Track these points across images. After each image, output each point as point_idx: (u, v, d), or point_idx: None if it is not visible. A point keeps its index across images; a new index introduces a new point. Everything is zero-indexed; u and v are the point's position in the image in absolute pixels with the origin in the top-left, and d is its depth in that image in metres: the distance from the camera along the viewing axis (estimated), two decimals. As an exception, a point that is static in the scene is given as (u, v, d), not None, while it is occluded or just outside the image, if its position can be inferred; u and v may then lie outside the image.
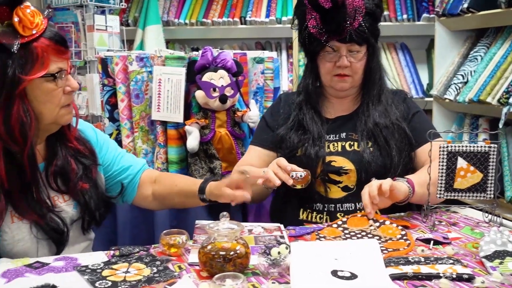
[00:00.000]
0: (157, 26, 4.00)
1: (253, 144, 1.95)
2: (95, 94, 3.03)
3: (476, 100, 3.07)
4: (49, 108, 1.40)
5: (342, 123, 1.85)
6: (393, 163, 1.74)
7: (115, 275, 1.20)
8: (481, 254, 1.26)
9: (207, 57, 2.17)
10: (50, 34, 1.37)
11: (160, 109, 2.26)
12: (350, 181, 1.76)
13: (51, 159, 1.47)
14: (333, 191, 1.77)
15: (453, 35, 3.61)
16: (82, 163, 1.52)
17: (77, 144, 1.54)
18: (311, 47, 1.79)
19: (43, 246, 1.43)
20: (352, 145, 1.79)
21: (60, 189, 1.48)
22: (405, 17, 3.89)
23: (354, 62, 1.77)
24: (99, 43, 3.12)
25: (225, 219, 1.26)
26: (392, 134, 1.78)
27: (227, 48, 3.96)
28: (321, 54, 1.78)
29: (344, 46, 1.75)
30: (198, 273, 1.22)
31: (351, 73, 1.78)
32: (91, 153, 1.57)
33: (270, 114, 1.97)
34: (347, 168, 1.75)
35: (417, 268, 1.18)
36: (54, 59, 1.37)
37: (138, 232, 2.24)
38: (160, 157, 2.30)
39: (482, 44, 3.33)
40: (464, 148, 1.50)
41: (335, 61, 1.77)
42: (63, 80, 1.40)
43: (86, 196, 1.51)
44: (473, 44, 3.48)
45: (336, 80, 1.80)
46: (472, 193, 1.53)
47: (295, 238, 1.47)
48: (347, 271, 1.16)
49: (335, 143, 1.81)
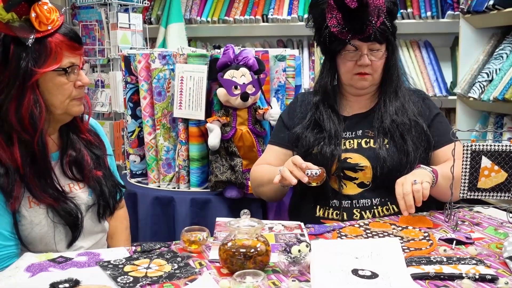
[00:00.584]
0: (180, 24, 4.02)
1: (271, 144, 1.98)
2: (118, 92, 3.07)
3: (501, 98, 3.02)
4: (60, 100, 1.46)
5: (359, 120, 1.85)
6: (409, 159, 1.74)
7: (137, 271, 1.21)
8: (505, 254, 1.24)
9: (229, 55, 2.17)
10: (65, 30, 1.44)
11: (182, 107, 2.27)
12: (365, 177, 1.76)
13: (65, 149, 1.55)
14: (349, 188, 1.77)
15: (478, 32, 3.55)
16: (94, 153, 1.60)
17: (89, 136, 1.62)
18: (332, 46, 1.79)
19: (60, 231, 1.48)
20: (368, 142, 1.79)
21: (75, 177, 1.55)
22: (429, 14, 3.85)
23: (375, 60, 1.77)
24: (122, 41, 3.15)
25: (245, 217, 1.26)
26: (409, 130, 1.77)
27: (249, 46, 3.97)
28: (342, 53, 1.78)
29: (365, 45, 1.75)
30: (219, 270, 1.22)
31: (371, 71, 1.78)
32: (102, 144, 1.66)
33: (287, 114, 1.98)
34: (363, 165, 1.75)
35: (439, 268, 1.17)
36: (67, 54, 1.43)
37: (159, 229, 2.26)
38: (181, 154, 2.32)
39: (508, 41, 3.28)
40: (489, 147, 1.48)
41: (356, 60, 1.77)
42: (75, 74, 1.47)
43: (100, 183, 1.59)
44: (498, 41, 3.43)
45: (356, 78, 1.80)
46: (496, 192, 1.50)
47: (316, 236, 1.47)
48: (368, 270, 1.15)
49: (351, 140, 1.81)
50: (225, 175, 2.16)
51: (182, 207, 2.22)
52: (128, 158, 2.54)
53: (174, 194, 2.30)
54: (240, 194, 2.19)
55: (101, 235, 1.63)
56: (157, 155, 2.40)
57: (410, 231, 1.48)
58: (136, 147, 2.49)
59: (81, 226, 1.51)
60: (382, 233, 1.47)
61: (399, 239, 1.36)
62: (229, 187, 2.20)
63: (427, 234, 1.44)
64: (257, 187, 1.93)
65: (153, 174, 2.42)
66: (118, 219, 1.77)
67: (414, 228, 1.50)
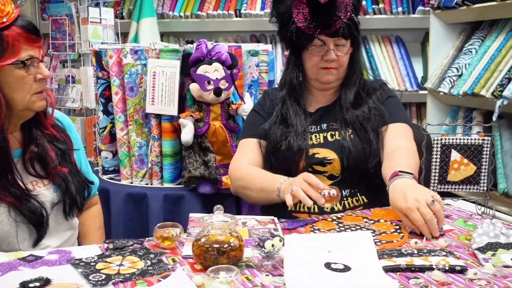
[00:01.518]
0: (152, 18, 3.98)
1: (247, 137, 1.92)
2: (89, 87, 3.03)
3: (470, 93, 3.08)
4: (20, 95, 1.43)
5: (323, 114, 1.87)
6: (372, 148, 1.76)
7: (109, 268, 1.20)
8: (473, 246, 1.27)
9: (201, 50, 2.16)
10: (22, 22, 1.41)
11: (154, 102, 2.26)
12: (334, 170, 1.78)
13: (27, 145, 1.51)
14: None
15: (448, 28, 3.61)
16: (59, 149, 1.56)
17: (54, 131, 1.58)
18: (298, 42, 1.80)
19: (23, 230, 1.46)
20: (334, 135, 1.82)
21: (38, 174, 1.51)
22: (400, 10, 3.89)
23: (341, 55, 1.79)
24: (93, 35, 3.11)
25: (219, 212, 1.26)
26: (368, 119, 1.80)
27: (222, 40, 3.95)
28: (308, 48, 1.79)
29: (332, 40, 1.77)
30: (192, 266, 1.22)
31: (337, 66, 1.81)
32: (67, 139, 1.62)
33: (259, 106, 1.97)
34: (330, 158, 1.77)
35: (410, 260, 1.19)
36: (25, 47, 1.41)
37: (132, 225, 2.24)
38: (154, 150, 2.30)
39: (477, 37, 3.33)
40: (458, 141, 1.51)
41: (322, 55, 1.78)
42: (35, 67, 1.44)
43: (66, 180, 1.55)
44: (467, 37, 3.49)
45: (322, 72, 1.82)
46: (466, 185, 1.53)
47: (289, 231, 1.48)
48: (341, 263, 1.17)
49: (317, 135, 1.83)
50: (198, 170, 2.15)
51: (155, 203, 2.21)
52: (100, 154, 2.51)
53: (147, 190, 2.28)
54: (214, 189, 2.19)
55: (70, 233, 1.60)
56: (129, 151, 2.38)
57: (382, 224, 1.50)
58: (108, 143, 2.46)
59: (46, 224, 1.48)
60: (355, 226, 1.49)
61: (371, 232, 1.37)
62: (202, 183, 2.19)
63: (399, 227, 1.46)
64: (241, 189, 1.82)
65: (126, 171, 2.40)
66: (91, 218, 1.75)
67: (385, 221, 1.52)
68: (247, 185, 1.79)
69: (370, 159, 1.75)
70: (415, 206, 1.38)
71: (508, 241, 1.27)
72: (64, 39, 3.21)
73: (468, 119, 3.32)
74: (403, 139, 1.75)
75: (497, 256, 1.21)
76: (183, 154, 2.24)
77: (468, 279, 1.11)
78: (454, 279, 1.11)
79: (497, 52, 3.03)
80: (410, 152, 1.68)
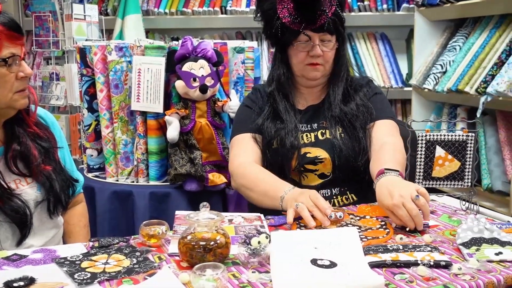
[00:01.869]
0: (137, 15, 3.96)
1: (243, 133, 1.87)
2: (74, 85, 2.99)
3: (454, 89, 3.10)
4: (2, 93, 1.41)
5: (313, 112, 1.87)
6: (361, 145, 1.77)
7: (94, 267, 1.19)
8: (458, 241, 1.28)
9: (187, 46, 2.16)
10: (3, 19, 1.38)
11: (139, 99, 2.24)
12: (326, 169, 1.78)
13: (9, 144, 1.49)
14: (310, 179, 1.80)
15: (432, 25, 3.64)
16: (42, 146, 1.54)
17: (36, 128, 1.56)
18: (284, 38, 1.80)
19: (6, 229, 1.44)
20: (324, 133, 1.82)
21: (21, 173, 1.49)
22: (385, 7, 3.91)
23: (327, 51, 1.79)
24: (77, 32, 3.08)
25: (205, 209, 1.25)
26: (357, 116, 1.81)
27: (207, 37, 3.94)
28: (294, 44, 1.79)
29: (317, 35, 1.77)
30: (178, 264, 1.22)
31: (323, 62, 1.80)
32: (51, 137, 1.60)
33: (250, 101, 1.95)
34: (322, 157, 1.78)
35: (395, 256, 1.19)
36: (7, 45, 1.38)
37: (118, 223, 2.23)
38: (140, 148, 2.29)
39: (461, 34, 3.36)
40: (442, 137, 1.52)
41: (308, 51, 1.78)
42: (17, 65, 1.42)
43: (50, 178, 1.53)
44: (452, 34, 3.52)
45: (308, 69, 1.81)
46: (450, 181, 1.55)
47: (275, 228, 1.48)
48: (327, 260, 1.17)
49: (308, 134, 1.83)
50: (184, 168, 2.14)
51: (141, 201, 2.20)
52: (85, 152, 2.49)
53: (133, 188, 2.27)
54: (200, 187, 2.18)
55: (54, 232, 1.58)
56: (115, 149, 2.37)
57: (368, 220, 1.51)
58: (93, 141, 2.44)
59: (29, 223, 1.46)
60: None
61: (357, 229, 1.38)
62: (188, 180, 2.18)
63: (384, 223, 1.47)
64: (244, 187, 1.77)
65: (111, 168, 2.38)
66: (76, 217, 1.73)
67: (371, 217, 1.53)
68: (250, 185, 1.74)
69: (360, 157, 1.76)
70: (400, 202, 1.38)
71: (492, 236, 1.28)
72: (48, 36, 3.17)
73: (453, 116, 3.35)
74: (390, 135, 1.76)
75: (481, 251, 1.22)
76: (169, 152, 2.23)
77: (453, 274, 1.12)
78: (439, 274, 1.12)
79: (481, 49, 3.06)
80: (397, 149, 1.69)
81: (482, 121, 3.04)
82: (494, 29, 3.05)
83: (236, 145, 1.88)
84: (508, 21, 2.99)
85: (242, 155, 1.82)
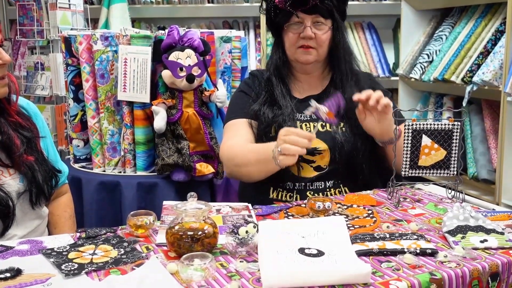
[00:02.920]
0: (123, 4, 3.91)
1: (236, 118, 1.85)
2: (59, 74, 2.97)
3: (440, 79, 3.12)
4: None
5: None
6: (366, 141, 1.76)
7: (82, 257, 1.19)
8: (444, 229, 1.30)
9: (173, 36, 2.14)
10: None
11: (126, 89, 2.23)
12: (323, 161, 1.77)
13: None
14: (305, 170, 1.78)
15: (418, 14, 3.65)
16: (25, 136, 1.51)
17: (19, 118, 1.53)
18: (276, 19, 1.79)
19: None
20: (324, 125, 1.79)
21: (3, 163, 1.47)
22: (372, -4, 3.91)
23: (319, 33, 1.76)
24: (62, 21, 3.04)
25: (192, 199, 1.25)
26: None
27: (194, 27, 3.92)
28: (286, 26, 1.78)
29: (309, 17, 1.74)
30: (166, 254, 1.22)
31: (315, 45, 1.77)
32: (33, 127, 1.57)
33: (246, 86, 1.92)
34: (321, 149, 1.76)
35: (382, 244, 1.20)
36: None
37: (105, 214, 2.22)
38: (127, 138, 2.28)
39: (447, 23, 3.38)
40: (429, 126, 1.53)
41: (300, 33, 1.76)
42: None
43: (32, 169, 1.50)
44: (438, 23, 3.53)
45: (300, 51, 1.79)
46: (436, 170, 1.56)
47: (263, 217, 1.48)
48: (314, 249, 1.18)
49: (307, 123, 1.80)
50: (172, 158, 2.14)
51: (129, 192, 2.19)
52: (71, 142, 2.47)
53: (120, 178, 2.26)
54: (188, 177, 2.18)
55: (37, 222, 1.56)
56: (101, 139, 2.35)
57: (355, 209, 1.52)
58: (79, 131, 2.43)
59: (12, 215, 1.44)
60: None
61: (344, 217, 1.39)
62: (176, 170, 2.18)
63: (371, 211, 1.48)
64: (237, 167, 1.75)
65: (98, 159, 2.37)
66: (61, 207, 1.71)
67: (358, 206, 1.54)
68: (242, 161, 1.72)
69: (362, 153, 1.75)
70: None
71: (477, 224, 1.30)
72: (32, 25, 3.13)
73: (439, 105, 3.37)
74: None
75: (467, 238, 1.23)
76: (156, 142, 2.22)
77: (439, 262, 1.13)
78: (425, 262, 1.14)
79: (467, 38, 3.07)
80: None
81: (468, 110, 3.07)
82: (480, 18, 3.06)
83: (229, 130, 1.85)
84: (494, 11, 3.01)
85: (232, 139, 1.80)
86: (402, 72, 3.60)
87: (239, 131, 1.82)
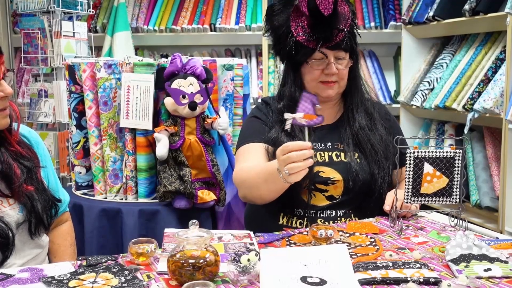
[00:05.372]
0: (126, 32, 3.97)
1: (251, 142, 1.81)
2: (62, 102, 2.99)
3: (442, 106, 3.13)
4: None
5: (327, 132, 1.83)
6: (381, 171, 1.75)
7: (82, 286, 1.18)
8: (447, 257, 1.29)
9: (176, 64, 2.16)
10: None
11: (128, 116, 2.24)
12: (336, 191, 1.76)
13: None
14: (317, 199, 1.76)
15: (419, 42, 3.68)
16: (25, 166, 1.50)
17: (19, 148, 1.52)
18: (298, 56, 1.76)
19: None
20: (339, 155, 1.78)
21: (3, 193, 1.46)
22: (373, 25, 3.95)
23: (341, 68, 1.76)
24: (66, 49, 3.08)
25: (194, 227, 1.25)
26: (380, 141, 1.78)
27: (196, 55, 3.96)
28: (308, 62, 1.75)
29: (332, 53, 1.73)
30: (167, 282, 1.21)
31: (337, 79, 1.77)
32: (34, 156, 1.56)
33: (260, 112, 1.89)
34: (335, 179, 1.75)
35: (385, 273, 1.19)
36: None
37: (106, 242, 2.21)
38: (129, 165, 2.28)
39: (448, 51, 3.41)
40: (430, 154, 1.53)
41: (323, 69, 1.75)
42: None
43: (31, 199, 1.49)
44: (438, 51, 3.56)
45: (322, 87, 1.78)
46: (439, 197, 1.55)
47: (265, 245, 1.47)
48: (317, 277, 1.17)
49: (322, 153, 1.79)
50: (173, 185, 2.14)
51: (130, 219, 2.18)
52: (73, 169, 2.48)
53: (122, 205, 2.25)
54: (189, 204, 2.17)
55: (37, 251, 1.54)
56: (103, 166, 2.35)
57: (357, 237, 1.51)
58: (82, 158, 2.43)
59: (12, 245, 1.42)
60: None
61: (346, 246, 1.38)
62: (178, 198, 2.17)
63: (374, 239, 1.47)
64: (248, 189, 1.73)
65: (100, 186, 2.37)
66: (61, 236, 1.70)
67: (361, 234, 1.53)
68: (252, 183, 1.69)
69: (377, 183, 1.74)
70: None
71: (481, 253, 1.29)
72: (37, 53, 3.16)
73: (441, 132, 3.38)
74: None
75: (470, 267, 1.22)
76: (158, 169, 2.22)
77: (442, 291, 1.12)
78: (428, 291, 1.13)
79: (467, 66, 3.10)
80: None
81: (470, 137, 3.07)
82: (480, 46, 3.09)
83: (242, 154, 1.83)
84: (494, 39, 3.04)
85: (245, 162, 1.78)
86: (403, 100, 3.62)
87: (252, 155, 1.79)
